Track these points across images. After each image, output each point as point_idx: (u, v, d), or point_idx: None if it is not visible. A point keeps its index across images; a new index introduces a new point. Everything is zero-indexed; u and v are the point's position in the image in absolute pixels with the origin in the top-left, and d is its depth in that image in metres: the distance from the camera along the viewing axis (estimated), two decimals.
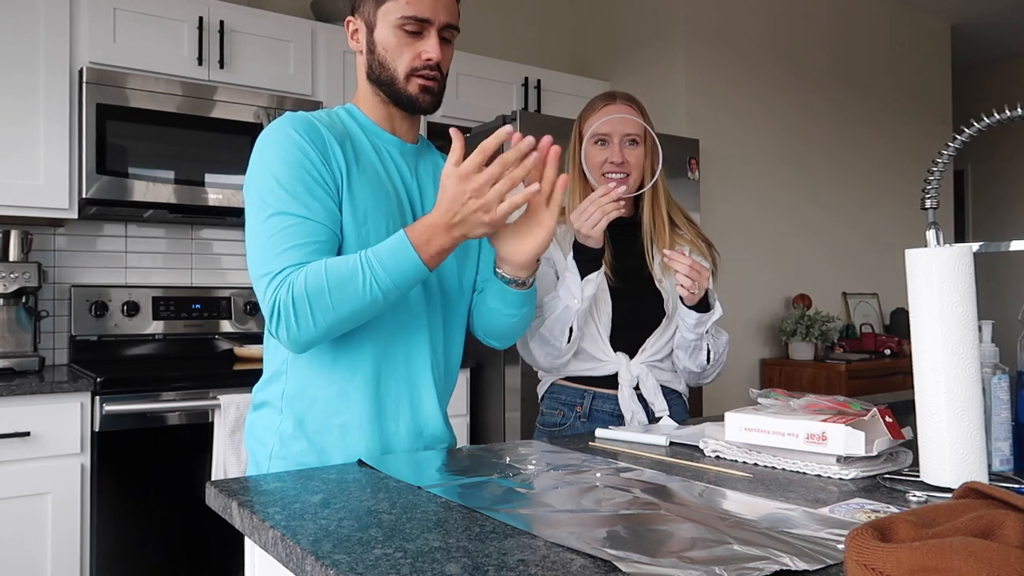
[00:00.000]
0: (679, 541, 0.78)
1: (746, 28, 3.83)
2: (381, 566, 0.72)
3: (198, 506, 2.27)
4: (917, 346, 1.01)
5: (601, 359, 1.64)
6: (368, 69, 1.27)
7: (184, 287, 2.91)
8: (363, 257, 1.11)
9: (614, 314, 1.63)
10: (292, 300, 1.10)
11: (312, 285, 1.09)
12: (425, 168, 1.35)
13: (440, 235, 1.09)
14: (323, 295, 1.09)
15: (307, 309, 1.10)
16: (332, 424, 1.23)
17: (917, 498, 0.97)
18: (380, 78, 1.26)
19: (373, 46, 1.25)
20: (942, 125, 4.75)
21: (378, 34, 1.24)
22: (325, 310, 1.10)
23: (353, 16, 1.28)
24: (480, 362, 2.91)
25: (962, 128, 1.08)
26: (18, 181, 2.40)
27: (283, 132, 1.18)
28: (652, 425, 1.57)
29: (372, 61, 1.26)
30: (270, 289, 1.13)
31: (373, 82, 1.27)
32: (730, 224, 3.70)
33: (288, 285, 1.11)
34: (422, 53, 1.23)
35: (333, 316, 1.11)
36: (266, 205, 1.15)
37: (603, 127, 1.63)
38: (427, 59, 1.23)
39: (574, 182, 1.65)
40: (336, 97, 2.93)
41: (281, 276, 1.12)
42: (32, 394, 2.13)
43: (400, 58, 1.23)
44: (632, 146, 1.63)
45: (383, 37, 1.23)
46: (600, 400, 1.63)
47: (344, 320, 1.13)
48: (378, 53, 1.24)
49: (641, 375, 1.63)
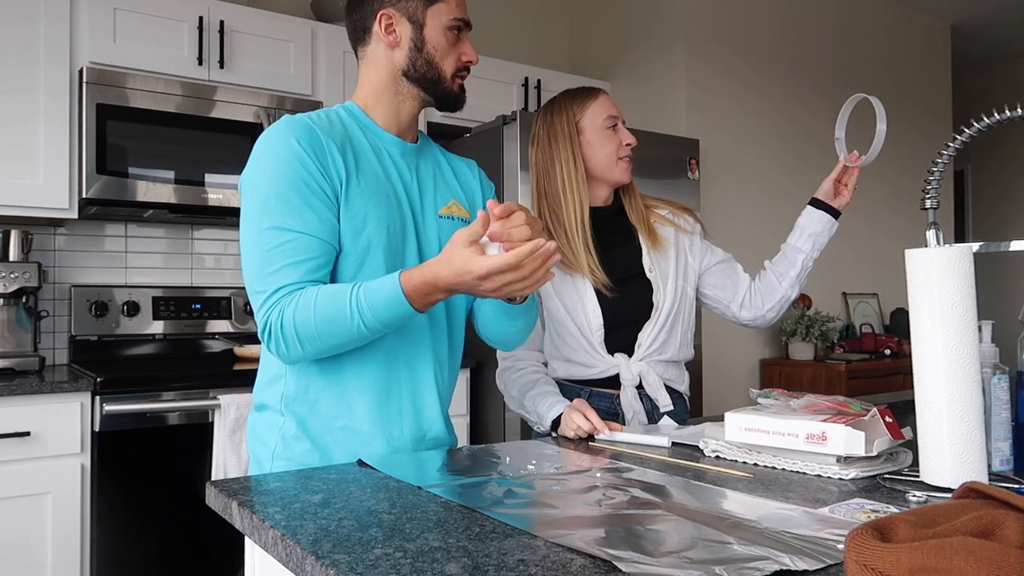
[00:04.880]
0: (679, 541, 0.78)
1: (746, 28, 3.83)
2: (381, 566, 0.72)
3: (198, 506, 2.27)
4: (917, 346, 1.01)
5: (599, 365, 1.62)
6: (409, 66, 1.26)
7: (184, 287, 2.91)
8: (353, 296, 1.10)
9: (605, 315, 1.62)
10: (281, 326, 1.13)
11: (301, 318, 1.12)
12: (425, 166, 1.34)
13: (437, 293, 1.10)
14: (310, 327, 1.12)
15: (295, 339, 1.13)
16: (335, 426, 1.23)
17: (917, 498, 0.97)
18: (425, 76, 1.26)
19: (422, 44, 1.25)
20: (942, 125, 4.75)
21: (429, 33, 1.25)
22: (313, 340, 1.13)
23: (387, 9, 1.25)
24: (480, 362, 2.91)
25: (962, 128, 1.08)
26: (18, 181, 2.40)
27: (283, 141, 1.17)
28: (652, 425, 1.57)
29: (416, 59, 1.26)
30: (263, 308, 1.15)
31: (413, 79, 1.27)
32: (730, 224, 3.70)
33: (279, 311, 1.13)
34: (462, 55, 1.28)
35: (321, 345, 1.14)
36: (263, 216, 1.15)
37: (611, 109, 1.65)
38: (468, 61, 1.29)
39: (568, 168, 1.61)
40: (336, 97, 2.93)
41: (275, 298, 1.14)
42: (32, 394, 2.13)
43: (447, 59, 1.27)
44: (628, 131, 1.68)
45: (435, 37, 1.25)
46: (596, 398, 1.62)
47: (333, 348, 1.16)
48: (427, 52, 1.25)
49: (643, 372, 1.62)
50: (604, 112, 1.64)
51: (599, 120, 1.63)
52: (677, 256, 1.69)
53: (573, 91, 1.68)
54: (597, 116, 1.64)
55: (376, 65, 1.28)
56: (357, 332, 1.12)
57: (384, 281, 1.11)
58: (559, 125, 1.64)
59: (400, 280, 1.09)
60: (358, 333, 1.12)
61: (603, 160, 1.63)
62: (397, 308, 1.10)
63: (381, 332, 1.14)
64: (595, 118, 1.63)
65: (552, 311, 1.63)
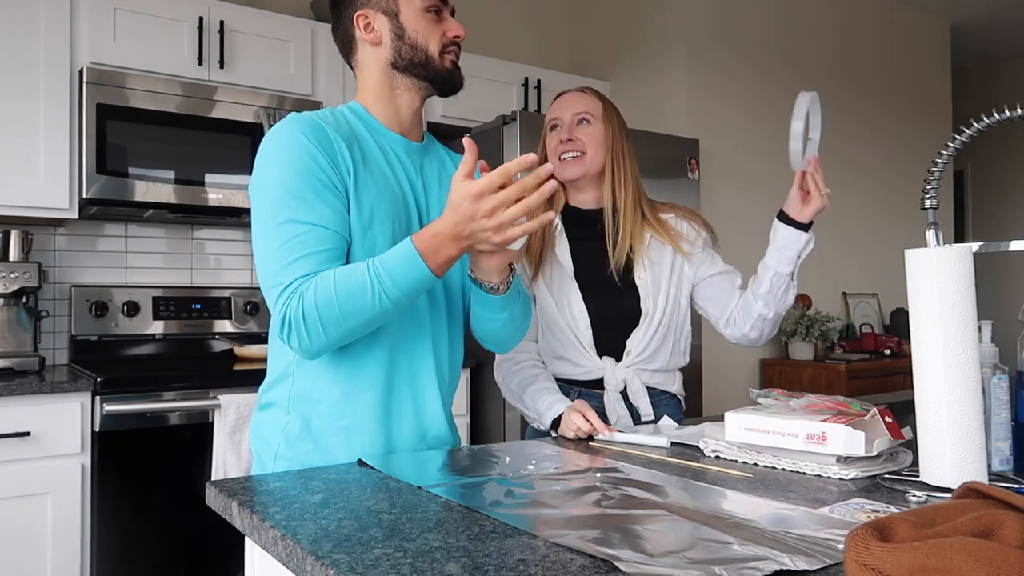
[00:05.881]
0: (679, 541, 0.78)
1: (746, 28, 3.83)
2: (381, 566, 0.72)
3: (198, 506, 2.28)
4: (917, 346, 1.01)
5: (586, 364, 1.62)
6: (395, 56, 1.27)
7: (184, 287, 2.91)
8: (371, 268, 1.10)
9: (591, 316, 1.62)
10: (303, 313, 1.11)
11: (322, 298, 1.10)
12: (430, 166, 1.34)
13: (448, 245, 1.09)
14: (333, 308, 1.10)
15: (317, 321, 1.11)
16: (338, 426, 1.23)
17: (917, 498, 0.97)
18: (413, 61, 1.27)
19: (401, 31, 1.26)
20: (942, 125, 4.75)
21: (405, 19, 1.26)
22: (335, 322, 1.11)
23: (362, 11, 1.27)
24: (480, 362, 2.91)
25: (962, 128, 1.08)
26: (18, 181, 2.40)
27: (291, 136, 1.17)
28: (652, 426, 1.57)
29: (400, 47, 1.26)
30: (281, 300, 1.13)
31: (402, 69, 1.27)
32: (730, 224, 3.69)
33: (299, 297, 1.11)
34: (447, 32, 1.28)
35: (343, 327, 1.12)
36: (276, 212, 1.15)
37: (553, 111, 1.68)
38: (454, 36, 1.29)
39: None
40: (336, 97, 2.93)
41: (292, 287, 1.12)
42: (32, 394, 2.13)
43: (431, 39, 1.27)
44: (584, 124, 1.64)
45: (412, 21, 1.26)
46: (586, 399, 1.61)
47: (355, 330, 1.13)
48: (408, 37, 1.26)
49: (628, 378, 1.61)
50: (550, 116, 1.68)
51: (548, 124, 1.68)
52: (672, 264, 1.66)
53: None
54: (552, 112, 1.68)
55: (368, 67, 1.29)
56: (380, 304, 1.10)
57: (398, 246, 1.11)
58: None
59: (412, 240, 1.10)
60: (380, 306, 1.10)
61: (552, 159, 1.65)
62: (413, 269, 1.09)
63: (402, 302, 1.12)
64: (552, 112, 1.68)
65: (545, 307, 1.64)
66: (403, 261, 1.09)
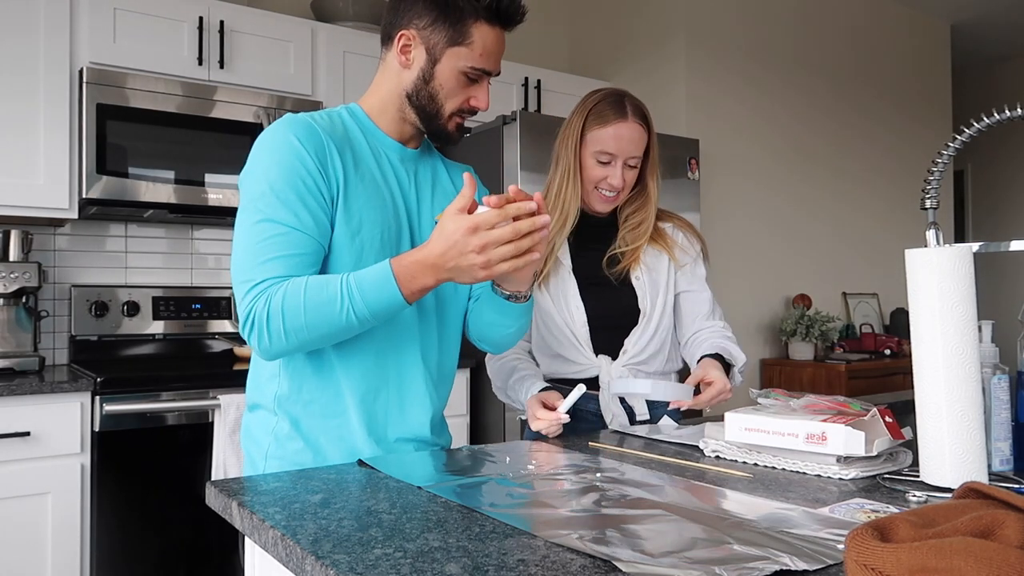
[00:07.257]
0: (679, 541, 0.78)
1: (746, 28, 3.83)
2: (381, 566, 0.72)
3: (198, 506, 2.27)
4: (917, 346, 1.01)
5: (582, 363, 1.62)
6: (412, 92, 1.25)
7: (184, 287, 2.91)
8: (344, 282, 1.10)
9: (589, 315, 1.62)
10: (268, 314, 1.11)
11: (290, 304, 1.10)
12: (424, 174, 1.34)
13: (427, 275, 1.09)
14: (299, 316, 1.10)
15: (280, 326, 1.11)
16: (328, 425, 1.23)
17: (917, 498, 0.97)
18: (424, 108, 1.25)
19: (430, 77, 1.23)
20: (942, 125, 4.75)
21: (440, 71, 1.22)
22: (299, 330, 1.11)
23: (409, 31, 1.23)
24: (480, 362, 2.90)
25: (962, 128, 1.08)
26: (18, 181, 2.40)
27: (283, 137, 1.17)
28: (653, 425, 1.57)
29: (421, 88, 1.24)
30: (248, 298, 1.13)
31: (412, 104, 1.26)
32: (730, 224, 3.70)
33: (266, 298, 1.11)
34: (471, 100, 1.25)
35: (306, 335, 1.12)
36: (256, 209, 1.15)
37: (610, 146, 1.57)
38: (476, 107, 1.26)
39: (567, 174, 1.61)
40: (336, 97, 2.93)
41: (261, 287, 1.12)
42: (32, 394, 2.13)
43: (452, 99, 1.24)
44: (630, 169, 1.61)
45: (445, 76, 1.22)
46: (583, 399, 1.61)
47: (318, 340, 1.14)
48: (432, 87, 1.23)
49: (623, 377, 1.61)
50: (600, 145, 1.57)
51: (594, 148, 1.59)
52: (668, 271, 1.68)
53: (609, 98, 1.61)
54: (595, 143, 1.58)
55: (388, 76, 1.27)
56: (346, 320, 1.10)
57: (375, 266, 1.11)
58: (573, 125, 1.62)
59: (391, 263, 1.09)
60: (347, 321, 1.10)
61: (586, 183, 1.62)
62: (385, 292, 1.08)
63: (370, 322, 1.12)
64: (593, 144, 1.59)
65: (541, 304, 1.64)
66: (377, 282, 1.09)
